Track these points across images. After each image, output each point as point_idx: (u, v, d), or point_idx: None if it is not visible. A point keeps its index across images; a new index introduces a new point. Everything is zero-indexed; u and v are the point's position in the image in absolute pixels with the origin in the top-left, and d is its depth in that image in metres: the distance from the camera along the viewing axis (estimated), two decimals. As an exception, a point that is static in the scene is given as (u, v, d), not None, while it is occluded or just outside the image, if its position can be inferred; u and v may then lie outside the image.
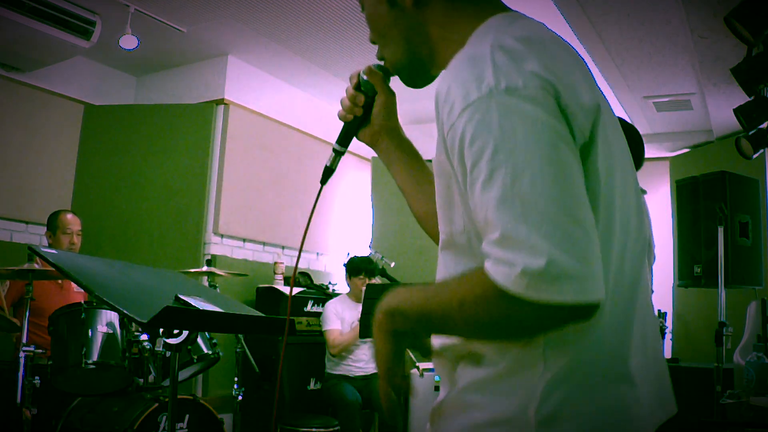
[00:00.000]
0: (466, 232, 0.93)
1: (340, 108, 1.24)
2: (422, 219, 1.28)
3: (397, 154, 1.25)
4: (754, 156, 3.94)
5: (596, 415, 0.88)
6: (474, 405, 0.93)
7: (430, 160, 1.09)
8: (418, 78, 1.12)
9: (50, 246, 3.81)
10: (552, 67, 0.86)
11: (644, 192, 2.74)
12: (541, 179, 0.80)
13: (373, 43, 1.14)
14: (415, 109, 4.34)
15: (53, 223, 3.84)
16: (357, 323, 4.28)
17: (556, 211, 0.79)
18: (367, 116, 1.23)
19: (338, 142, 1.22)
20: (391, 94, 1.23)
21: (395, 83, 1.20)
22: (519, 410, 0.88)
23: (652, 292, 1.07)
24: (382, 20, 1.08)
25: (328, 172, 1.21)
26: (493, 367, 0.91)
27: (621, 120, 2.17)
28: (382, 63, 1.16)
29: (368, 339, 4.48)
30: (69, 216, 3.86)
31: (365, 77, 1.20)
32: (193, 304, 1.61)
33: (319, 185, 1.21)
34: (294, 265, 5.59)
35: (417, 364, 4.06)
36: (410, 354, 3.80)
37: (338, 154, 1.21)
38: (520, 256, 0.78)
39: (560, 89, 0.85)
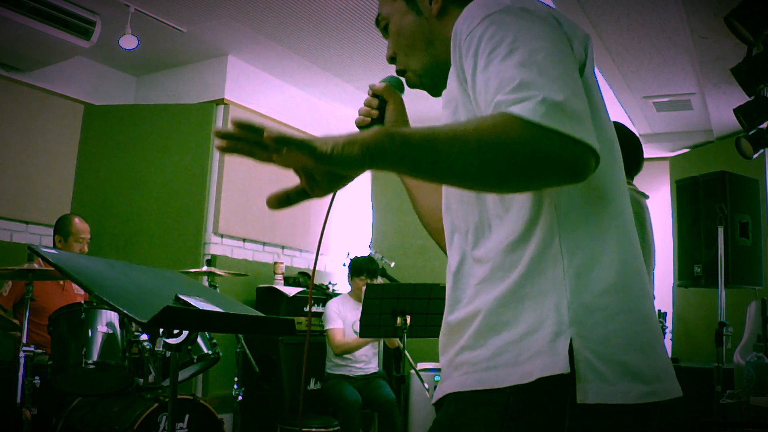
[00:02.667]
0: None
1: (358, 116, 1.35)
2: (426, 214, 1.34)
3: None
4: (754, 156, 3.94)
5: (629, 315, 0.96)
6: (499, 327, 0.98)
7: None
8: (441, 84, 1.20)
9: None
10: (553, 12, 1.03)
11: (646, 197, 2.74)
12: (554, 60, 0.91)
13: (392, 60, 1.29)
14: (416, 109, 4.33)
15: (66, 229, 3.82)
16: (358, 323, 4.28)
17: (566, 80, 0.90)
18: (381, 119, 1.34)
19: None
20: (400, 101, 1.37)
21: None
22: (550, 312, 0.94)
23: (654, 298, 1.11)
24: (410, 31, 1.25)
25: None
26: (509, 281, 0.98)
27: (618, 124, 2.19)
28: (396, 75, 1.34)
29: (369, 339, 4.49)
30: (81, 223, 3.86)
31: (379, 90, 1.36)
32: (193, 304, 1.61)
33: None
34: (293, 265, 5.58)
35: (416, 365, 4.06)
36: (408, 357, 3.80)
37: None
38: (541, 91, 0.86)
39: (562, 21, 1.02)
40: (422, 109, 4.16)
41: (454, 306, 1.07)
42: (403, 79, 1.33)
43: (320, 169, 0.95)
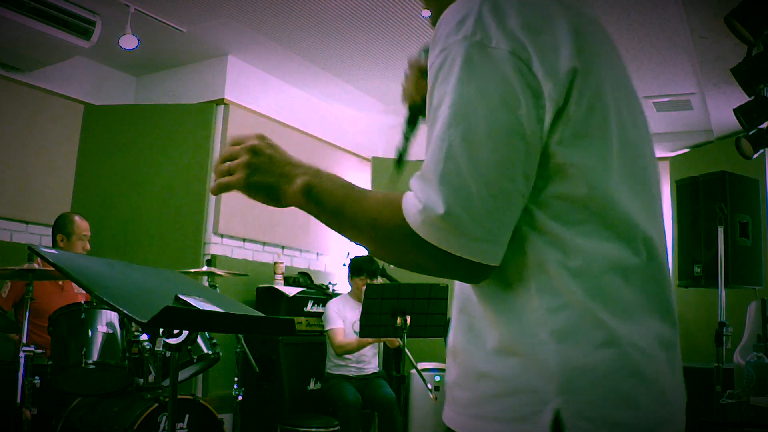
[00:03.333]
0: None
1: (402, 92, 1.30)
2: None
3: None
4: (754, 156, 3.94)
5: (623, 371, 0.87)
6: (484, 376, 0.94)
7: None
8: None
9: (60, 250, 3.80)
10: (535, 27, 0.87)
11: None
12: (474, 134, 0.84)
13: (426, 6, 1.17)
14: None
15: (68, 227, 3.81)
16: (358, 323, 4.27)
17: (472, 171, 0.83)
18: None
19: (406, 123, 1.26)
20: None
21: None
22: (537, 375, 0.88)
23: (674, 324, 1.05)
24: None
25: (399, 156, 1.25)
26: (500, 330, 0.92)
27: None
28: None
29: (370, 339, 4.48)
30: (82, 221, 3.85)
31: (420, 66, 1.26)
32: (193, 304, 1.61)
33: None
34: (293, 265, 5.58)
35: (416, 365, 4.06)
36: (409, 356, 3.80)
37: (407, 139, 1.25)
38: (428, 195, 0.84)
39: (532, 53, 0.86)
40: (422, 109, 4.16)
41: (453, 326, 1.04)
42: None
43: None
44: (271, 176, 1.01)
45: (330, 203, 0.97)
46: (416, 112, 1.26)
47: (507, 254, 0.89)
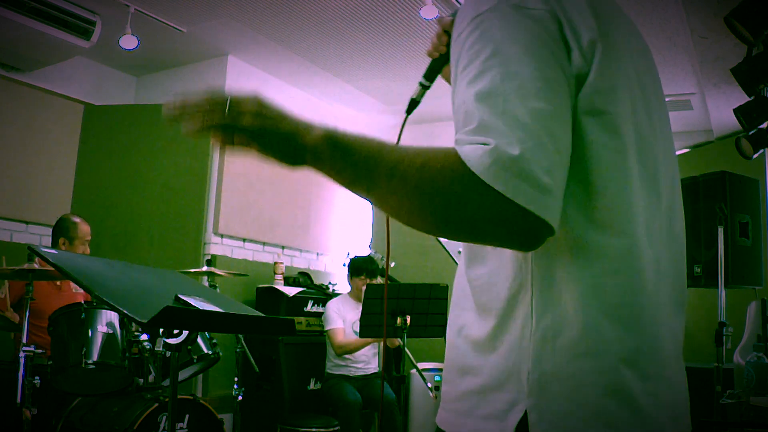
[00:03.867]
0: None
1: (430, 48, 1.24)
2: None
3: None
4: (754, 156, 3.94)
5: (599, 386, 0.83)
6: (467, 371, 0.93)
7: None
8: None
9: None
10: (561, 3, 0.87)
11: None
12: (529, 88, 0.80)
13: None
14: (417, 109, 4.33)
15: (71, 232, 3.79)
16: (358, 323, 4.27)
17: (534, 120, 0.78)
18: (449, 56, 1.27)
19: (425, 76, 1.26)
20: None
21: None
22: (513, 374, 0.86)
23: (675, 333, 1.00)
24: None
25: (413, 104, 1.25)
26: (484, 325, 0.91)
27: None
28: None
29: (370, 339, 4.48)
30: (83, 223, 3.85)
31: (446, 25, 1.21)
32: (193, 304, 1.61)
33: (404, 119, 1.22)
34: (293, 265, 5.58)
35: (416, 365, 4.06)
36: (410, 355, 3.80)
37: (424, 88, 1.25)
38: (496, 138, 0.77)
39: (563, 20, 0.86)
40: (423, 110, 4.17)
41: (448, 323, 1.03)
42: None
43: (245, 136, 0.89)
44: (285, 123, 0.88)
45: (362, 151, 0.85)
46: (436, 65, 1.27)
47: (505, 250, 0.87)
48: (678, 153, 6.00)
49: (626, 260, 0.86)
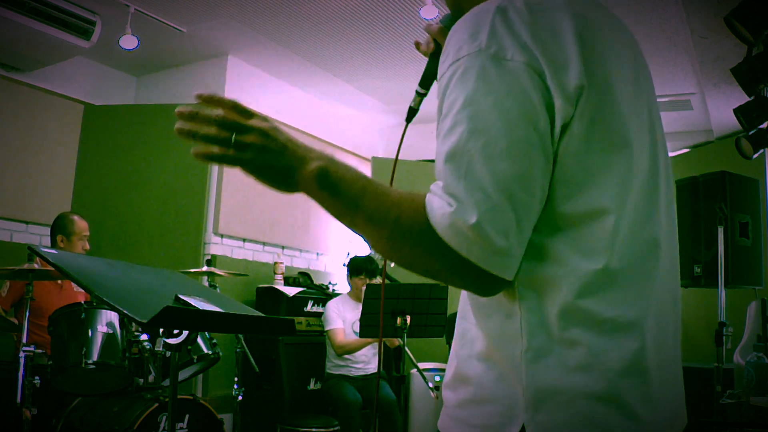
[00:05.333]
0: None
1: (422, 46, 1.27)
2: None
3: None
4: (754, 156, 3.94)
5: (588, 407, 0.85)
6: (466, 380, 0.96)
7: (430, 161, 1.10)
8: None
9: (61, 250, 3.80)
10: (546, 41, 0.86)
11: None
12: (494, 147, 0.83)
13: None
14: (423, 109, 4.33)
15: (68, 228, 3.80)
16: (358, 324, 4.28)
17: (493, 183, 0.82)
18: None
19: (420, 84, 1.25)
20: None
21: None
22: (509, 388, 0.89)
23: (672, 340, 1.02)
24: None
25: (412, 112, 1.24)
26: (482, 340, 0.94)
27: None
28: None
29: (370, 339, 4.48)
30: (81, 220, 3.85)
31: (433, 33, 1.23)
32: (193, 304, 1.62)
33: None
34: (293, 265, 5.59)
35: (417, 364, 4.06)
36: (410, 355, 3.80)
37: (420, 96, 1.25)
38: (457, 202, 0.82)
39: (545, 67, 0.85)
40: (421, 110, 4.17)
41: (455, 332, 1.06)
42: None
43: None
44: (283, 158, 0.93)
45: (347, 193, 0.91)
46: (430, 71, 1.26)
47: None
48: (678, 153, 6.02)
49: (611, 283, 0.87)
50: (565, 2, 0.92)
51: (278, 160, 0.93)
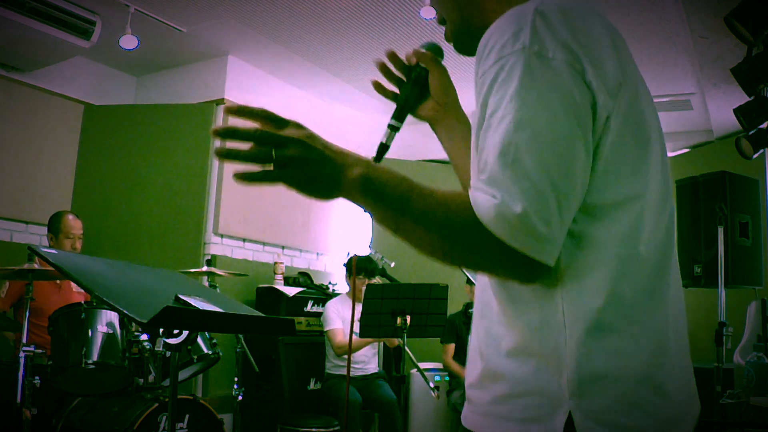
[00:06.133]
0: None
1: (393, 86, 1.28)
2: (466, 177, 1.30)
3: (459, 127, 1.29)
4: (754, 156, 3.94)
5: (628, 389, 0.91)
6: (498, 377, 0.97)
7: (429, 161, 1.10)
8: (470, 45, 1.15)
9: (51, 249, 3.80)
10: (584, 41, 0.91)
11: None
12: (540, 138, 0.86)
13: (435, 7, 1.20)
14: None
15: (55, 226, 3.82)
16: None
17: (539, 172, 0.85)
18: (424, 92, 1.27)
19: (394, 117, 1.24)
20: (443, 69, 1.27)
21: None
22: (552, 379, 0.91)
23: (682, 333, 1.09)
24: None
25: (383, 149, 1.22)
26: (516, 334, 0.96)
27: None
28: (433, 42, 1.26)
29: (370, 339, 4.48)
30: (72, 219, 3.85)
31: (415, 58, 1.26)
32: (193, 304, 1.62)
33: None
34: (293, 265, 5.59)
35: (417, 364, 4.06)
36: (410, 354, 3.80)
37: (394, 130, 1.22)
38: (501, 194, 0.85)
39: (586, 64, 0.90)
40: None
41: (474, 331, 1.07)
42: (441, 46, 1.26)
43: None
44: (325, 168, 0.95)
45: (391, 197, 0.93)
46: (406, 104, 1.25)
47: None
48: (678, 153, 6.02)
49: (641, 268, 0.94)
50: (590, 7, 0.98)
51: (320, 171, 0.95)
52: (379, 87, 1.31)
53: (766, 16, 3.01)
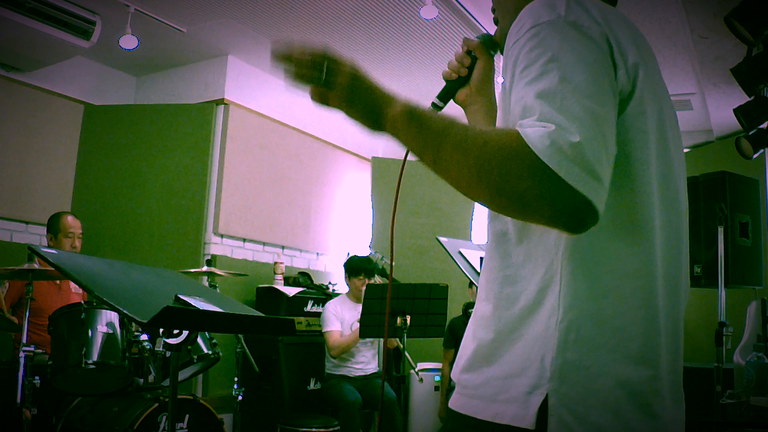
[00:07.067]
0: None
1: (446, 69, 1.30)
2: None
3: (485, 118, 1.30)
4: (754, 156, 3.94)
5: (612, 377, 0.91)
6: (490, 359, 0.98)
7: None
8: None
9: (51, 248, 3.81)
10: (610, 23, 0.95)
11: None
12: (583, 91, 0.86)
13: (494, 10, 1.25)
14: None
15: (55, 226, 3.82)
16: (357, 324, 4.27)
17: (589, 117, 0.84)
18: (468, 78, 1.30)
19: (439, 97, 1.27)
20: (491, 61, 1.31)
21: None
22: (536, 360, 0.92)
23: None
24: None
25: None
26: (507, 315, 0.97)
27: None
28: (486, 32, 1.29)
29: (368, 339, 4.48)
30: (70, 219, 3.85)
31: (472, 46, 1.28)
32: (193, 304, 1.62)
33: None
34: (293, 265, 5.58)
35: (415, 365, 4.06)
36: (408, 356, 3.80)
37: (437, 108, 1.26)
38: (557, 125, 0.83)
39: (613, 43, 0.94)
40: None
41: (472, 316, 1.08)
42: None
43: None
44: (371, 95, 1.01)
45: (434, 124, 0.94)
46: (453, 87, 1.29)
47: (542, 238, 0.94)
48: (678, 153, 6.01)
49: (644, 267, 0.95)
50: (608, 5, 1.03)
51: (367, 97, 1.00)
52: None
53: (766, 16, 3.01)
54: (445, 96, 1.27)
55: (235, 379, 3.89)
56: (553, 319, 0.91)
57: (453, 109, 1.17)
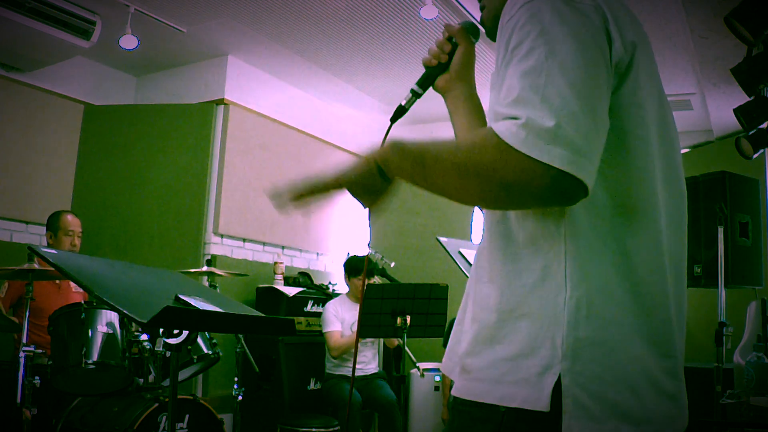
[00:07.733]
0: None
1: (427, 55, 1.30)
2: None
3: (465, 104, 1.29)
4: (754, 156, 3.94)
5: (627, 352, 0.90)
6: (493, 340, 0.96)
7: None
8: None
9: (51, 247, 3.81)
10: (609, 1, 0.96)
11: None
12: (570, 65, 0.86)
13: None
14: (416, 109, 4.33)
15: (54, 224, 3.83)
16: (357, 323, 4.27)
17: (572, 91, 0.84)
18: (448, 65, 1.29)
19: (418, 83, 1.27)
20: (472, 48, 1.30)
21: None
22: (546, 340, 0.90)
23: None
24: None
25: (401, 111, 1.26)
26: (510, 295, 0.96)
27: None
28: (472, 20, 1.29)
29: (368, 339, 4.48)
30: (70, 217, 3.86)
31: (453, 32, 1.28)
32: (193, 304, 1.62)
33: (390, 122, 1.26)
34: (293, 265, 5.59)
35: (417, 364, 4.06)
36: (409, 352, 3.80)
37: (416, 96, 1.26)
38: (528, 113, 0.83)
39: (609, 17, 0.94)
40: (423, 110, 4.17)
41: (465, 299, 1.08)
42: (479, 27, 1.27)
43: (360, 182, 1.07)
44: (360, 164, 1.06)
45: (415, 147, 0.96)
46: (432, 73, 1.27)
47: (544, 218, 0.93)
48: (678, 153, 6.01)
49: (649, 243, 0.94)
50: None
51: (357, 169, 1.10)
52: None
53: (766, 16, 3.01)
54: (424, 82, 1.27)
55: (235, 379, 3.89)
56: (560, 297, 0.90)
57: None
